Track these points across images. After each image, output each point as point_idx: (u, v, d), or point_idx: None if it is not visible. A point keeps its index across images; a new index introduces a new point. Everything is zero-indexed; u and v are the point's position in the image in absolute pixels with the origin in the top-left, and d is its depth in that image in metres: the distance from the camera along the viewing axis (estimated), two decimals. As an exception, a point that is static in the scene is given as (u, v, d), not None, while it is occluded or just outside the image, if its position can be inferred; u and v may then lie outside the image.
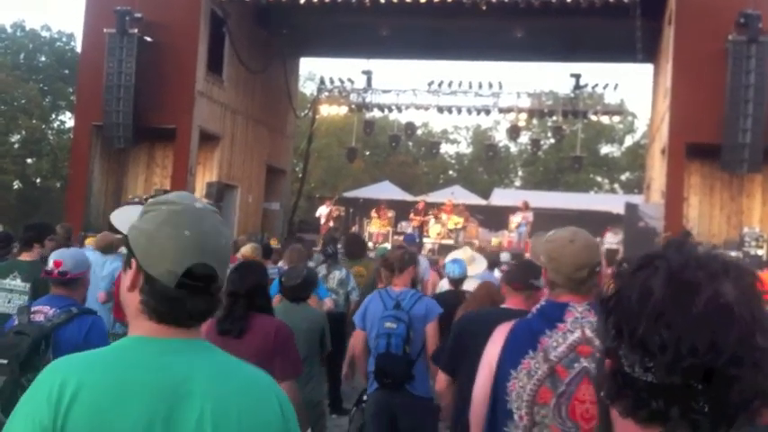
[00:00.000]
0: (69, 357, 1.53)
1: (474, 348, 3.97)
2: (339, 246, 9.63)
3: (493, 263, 9.50)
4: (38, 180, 36.16)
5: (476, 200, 29.51)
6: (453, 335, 4.21)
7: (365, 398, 5.45)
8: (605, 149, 49.70)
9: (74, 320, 3.75)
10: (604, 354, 1.01)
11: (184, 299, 1.50)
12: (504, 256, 11.73)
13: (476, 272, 7.50)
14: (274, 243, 14.13)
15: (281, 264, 9.06)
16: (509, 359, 2.53)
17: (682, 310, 0.93)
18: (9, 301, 5.28)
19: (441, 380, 4.24)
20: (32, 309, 3.92)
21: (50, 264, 4.02)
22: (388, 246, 17.83)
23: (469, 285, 7.35)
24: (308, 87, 39.38)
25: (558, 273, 2.60)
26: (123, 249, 1.80)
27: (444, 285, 7.57)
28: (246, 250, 8.49)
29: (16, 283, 5.34)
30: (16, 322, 3.84)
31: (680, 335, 0.92)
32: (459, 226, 20.95)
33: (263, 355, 3.92)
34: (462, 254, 8.15)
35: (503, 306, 4.21)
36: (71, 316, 3.76)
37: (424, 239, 20.34)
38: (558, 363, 2.46)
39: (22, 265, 5.48)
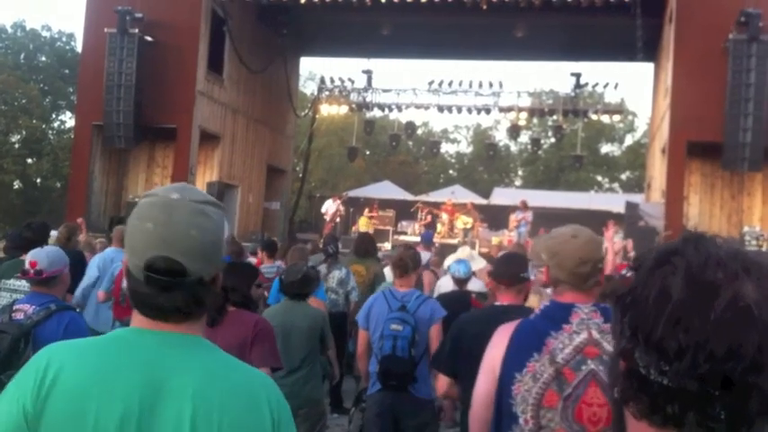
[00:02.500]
0: (63, 342, 1.53)
1: (476, 350, 3.98)
2: (339, 244, 9.62)
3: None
4: (39, 180, 36.17)
5: (476, 199, 29.47)
6: (452, 337, 4.14)
7: (365, 398, 5.45)
8: (606, 148, 49.73)
9: (53, 317, 3.79)
10: (619, 353, 0.98)
11: (155, 293, 1.47)
12: None
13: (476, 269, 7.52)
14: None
15: (278, 263, 9.06)
16: (513, 362, 2.47)
17: (700, 313, 0.90)
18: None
19: (442, 382, 4.13)
20: (14, 307, 3.96)
21: (27, 264, 4.06)
22: (388, 245, 17.78)
23: (473, 285, 7.37)
24: (308, 87, 39.41)
25: (560, 268, 2.53)
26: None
27: (446, 285, 7.56)
28: None
29: (21, 283, 5.32)
30: None
31: (698, 340, 0.89)
32: (469, 225, 20.90)
33: (239, 347, 4.02)
34: (461, 253, 8.17)
35: (497, 303, 4.19)
36: (50, 313, 3.80)
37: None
38: (565, 365, 2.40)
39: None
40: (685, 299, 0.92)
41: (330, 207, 21.54)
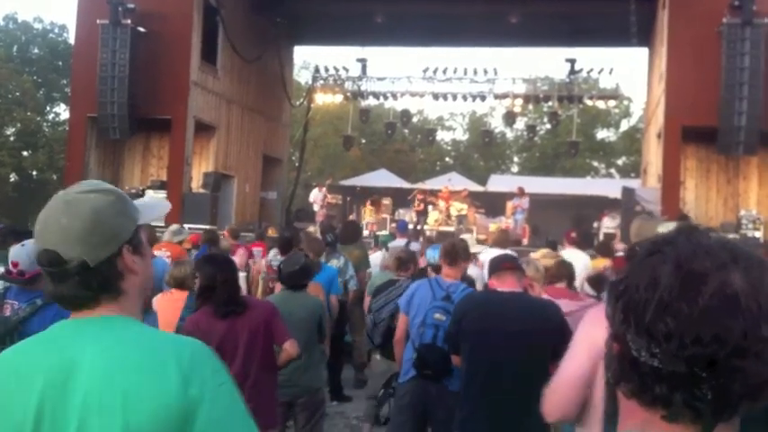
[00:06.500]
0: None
1: (473, 329, 4.20)
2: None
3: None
4: (34, 172, 36.12)
5: (473, 186, 29.51)
6: (455, 319, 4.42)
7: (395, 384, 5.42)
8: (601, 134, 49.70)
9: (39, 312, 3.75)
10: (612, 337, 1.03)
11: (54, 286, 1.55)
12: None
13: None
14: (272, 233, 14.12)
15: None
16: None
17: (687, 300, 0.94)
18: None
19: (456, 360, 4.60)
20: (5, 301, 3.93)
21: (9, 263, 3.96)
22: (386, 232, 17.87)
23: (471, 271, 7.38)
24: (302, 76, 39.28)
25: None
26: None
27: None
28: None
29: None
30: None
31: (685, 325, 0.93)
32: (464, 212, 20.91)
33: (263, 327, 4.42)
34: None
35: (499, 289, 4.27)
36: (36, 308, 3.77)
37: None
38: None
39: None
40: (674, 286, 0.95)
41: (317, 196, 21.79)
